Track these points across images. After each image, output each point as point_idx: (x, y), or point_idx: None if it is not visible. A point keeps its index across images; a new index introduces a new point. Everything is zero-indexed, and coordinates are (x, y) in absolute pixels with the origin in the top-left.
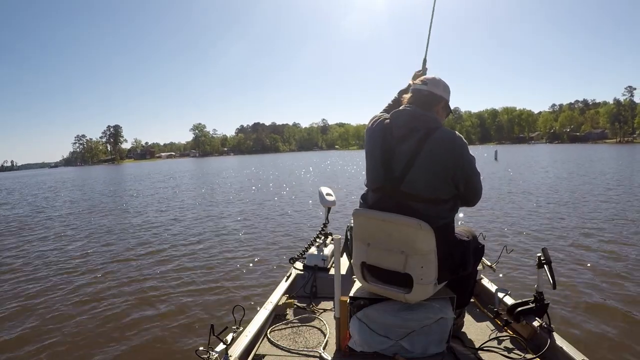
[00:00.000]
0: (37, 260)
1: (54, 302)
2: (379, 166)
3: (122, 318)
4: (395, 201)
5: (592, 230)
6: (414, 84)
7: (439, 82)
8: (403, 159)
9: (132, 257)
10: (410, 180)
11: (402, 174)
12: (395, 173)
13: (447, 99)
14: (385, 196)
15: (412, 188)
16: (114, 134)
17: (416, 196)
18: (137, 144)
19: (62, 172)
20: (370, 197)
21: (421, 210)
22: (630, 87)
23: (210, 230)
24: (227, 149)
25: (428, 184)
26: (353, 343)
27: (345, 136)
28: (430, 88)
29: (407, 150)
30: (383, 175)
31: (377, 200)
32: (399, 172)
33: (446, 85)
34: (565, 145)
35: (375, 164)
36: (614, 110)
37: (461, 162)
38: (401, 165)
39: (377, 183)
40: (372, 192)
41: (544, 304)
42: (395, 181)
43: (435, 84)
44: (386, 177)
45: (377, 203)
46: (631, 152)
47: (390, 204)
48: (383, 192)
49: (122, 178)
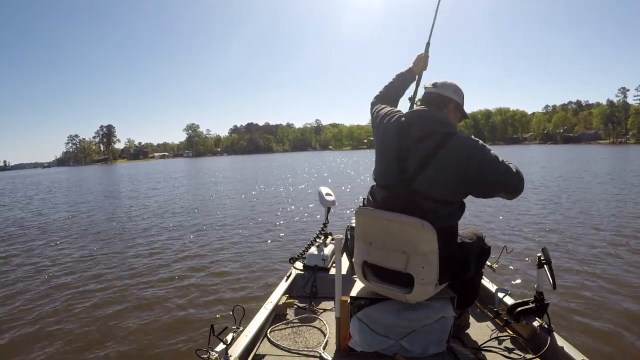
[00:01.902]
0: (37, 260)
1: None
2: (393, 163)
3: (122, 318)
4: (404, 199)
5: (593, 230)
6: (425, 87)
7: (449, 85)
8: (417, 160)
9: (132, 257)
10: (423, 180)
11: (415, 173)
12: (409, 172)
13: (458, 101)
14: (395, 194)
15: (423, 187)
16: (107, 134)
17: (427, 195)
18: (130, 144)
19: (56, 172)
20: (378, 194)
21: (430, 209)
22: (623, 89)
23: (209, 230)
24: (220, 149)
25: (440, 187)
26: (353, 343)
27: (339, 137)
28: (439, 90)
29: (422, 152)
30: (396, 173)
31: (385, 197)
32: (412, 171)
33: (457, 88)
34: (559, 146)
35: (389, 161)
36: (607, 111)
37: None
38: (414, 165)
39: (389, 180)
40: (380, 189)
41: (544, 304)
42: (407, 180)
43: (445, 87)
44: (399, 175)
45: (385, 200)
46: (625, 153)
47: (399, 201)
48: (393, 190)
49: (117, 179)
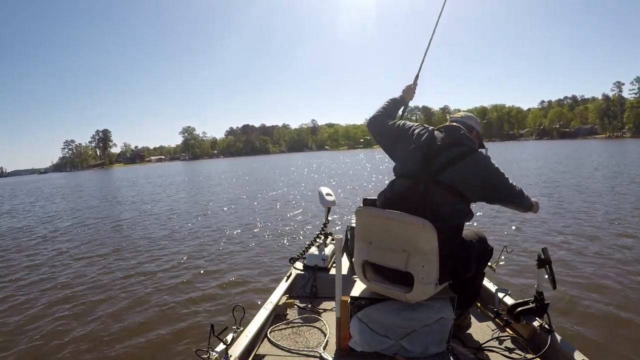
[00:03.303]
0: (40, 263)
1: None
2: (419, 158)
3: (122, 318)
4: (425, 187)
5: (593, 230)
6: (451, 116)
7: (472, 117)
8: (447, 158)
9: (132, 257)
10: (451, 172)
11: (441, 168)
12: (434, 166)
13: (479, 130)
14: (416, 183)
15: (448, 178)
16: (103, 139)
17: (449, 185)
18: (126, 148)
19: (52, 178)
20: (398, 183)
21: (446, 201)
22: (619, 83)
23: (209, 230)
24: (217, 152)
25: (465, 181)
26: (353, 343)
27: (335, 136)
28: (465, 120)
29: (453, 154)
30: (420, 164)
31: (405, 185)
32: (438, 165)
33: (478, 120)
34: (555, 141)
35: (415, 156)
36: (603, 106)
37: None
38: (444, 161)
39: (413, 170)
40: (402, 179)
41: (544, 304)
42: (432, 172)
43: (469, 118)
44: (423, 167)
45: (403, 190)
46: (623, 148)
47: (417, 191)
48: (415, 179)
49: (115, 184)
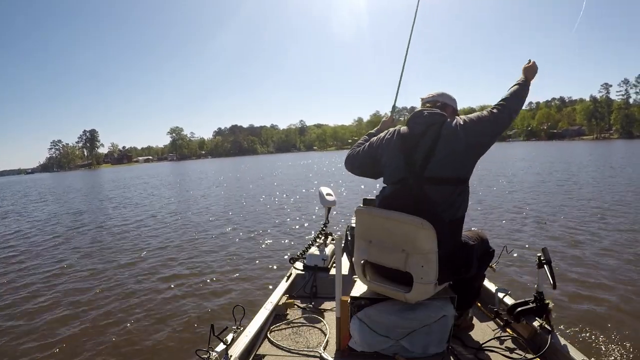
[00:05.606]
0: (38, 263)
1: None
2: (401, 160)
3: (122, 319)
4: (415, 189)
5: (593, 230)
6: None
7: (445, 94)
8: (424, 150)
9: (132, 257)
10: (433, 165)
11: (424, 163)
12: (417, 163)
13: (455, 106)
14: (406, 188)
15: (435, 171)
16: (90, 139)
17: (439, 178)
18: (114, 148)
19: (39, 179)
20: (388, 190)
21: (441, 196)
22: (606, 84)
23: (209, 231)
24: (204, 152)
25: (450, 165)
26: (353, 343)
27: (323, 137)
28: (436, 98)
29: (427, 142)
30: (404, 166)
31: (395, 192)
32: (420, 161)
33: (452, 97)
34: (543, 142)
35: (397, 161)
36: (591, 107)
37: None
38: (422, 155)
39: (399, 175)
40: (391, 186)
41: (544, 304)
42: (417, 171)
43: (442, 95)
44: (407, 168)
45: (395, 195)
46: (611, 149)
47: (410, 194)
48: (404, 182)
49: (104, 185)
